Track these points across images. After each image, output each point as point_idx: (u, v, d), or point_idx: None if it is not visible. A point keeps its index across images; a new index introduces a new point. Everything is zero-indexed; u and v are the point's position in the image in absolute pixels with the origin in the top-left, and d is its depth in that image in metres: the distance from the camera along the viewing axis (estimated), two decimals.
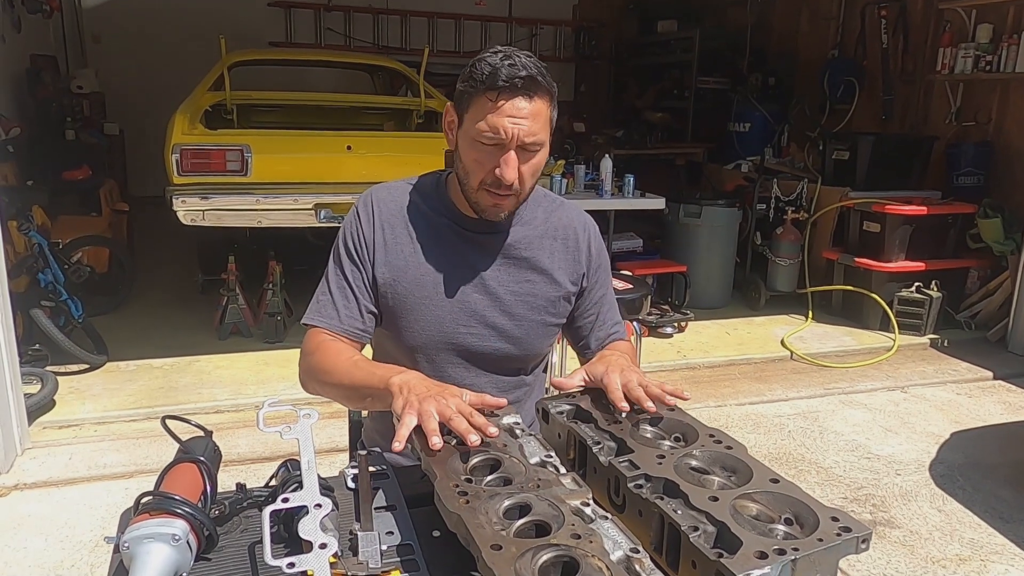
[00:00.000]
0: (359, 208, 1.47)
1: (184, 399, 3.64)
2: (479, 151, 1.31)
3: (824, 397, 4.06)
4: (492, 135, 1.28)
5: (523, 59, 1.28)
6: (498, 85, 1.26)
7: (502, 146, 1.29)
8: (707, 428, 1.13)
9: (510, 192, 1.33)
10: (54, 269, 3.96)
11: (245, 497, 1.11)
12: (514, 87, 1.26)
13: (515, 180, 1.31)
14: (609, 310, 1.58)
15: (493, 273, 1.44)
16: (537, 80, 1.28)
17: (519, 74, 1.26)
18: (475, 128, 1.30)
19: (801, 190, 5.44)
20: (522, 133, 1.28)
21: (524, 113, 1.27)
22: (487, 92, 1.27)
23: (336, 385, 1.35)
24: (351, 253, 1.44)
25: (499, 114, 1.27)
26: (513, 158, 1.30)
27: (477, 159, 1.32)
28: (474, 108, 1.30)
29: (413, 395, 1.12)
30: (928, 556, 2.66)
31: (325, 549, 0.89)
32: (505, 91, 1.26)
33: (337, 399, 1.40)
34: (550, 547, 0.86)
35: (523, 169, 1.32)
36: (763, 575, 0.80)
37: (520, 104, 1.27)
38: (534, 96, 1.28)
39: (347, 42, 8.43)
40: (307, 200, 4.19)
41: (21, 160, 4.80)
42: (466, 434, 1.06)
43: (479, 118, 1.29)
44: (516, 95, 1.27)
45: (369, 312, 1.44)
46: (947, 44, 5.52)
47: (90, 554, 2.52)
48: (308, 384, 1.44)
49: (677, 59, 8.10)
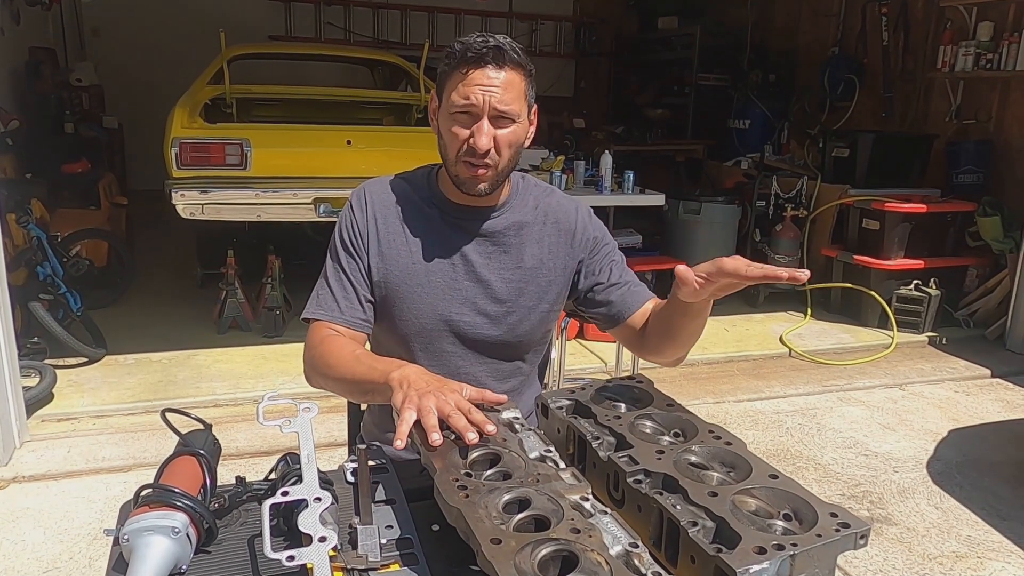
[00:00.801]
0: (352, 201, 1.49)
1: (183, 393, 3.64)
2: (455, 122, 1.34)
3: (822, 394, 4.07)
4: (464, 103, 1.31)
5: (495, 37, 1.33)
6: (467, 58, 1.31)
7: (474, 115, 1.32)
8: (707, 424, 1.13)
9: (487, 162, 1.34)
10: (53, 262, 3.95)
11: (245, 490, 1.11)
12: (482, 57, 1.30)
13: (490, 147, 1.33)
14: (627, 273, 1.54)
15: (484, 261, 1.46)
16: (505, 51, 1.31)
17: (488, 44, 1.30)
18: (449, 102, 1.34)
19: (801, 187, 5.44)
20: (493, 100, 1.30)
21: (495, 82, 1.30)
22: (459, 66, 1.32)
23: (338, 379, 1.35)
24: (347, 245, 1.46)
25: (469, 83, 1.31)
26: (486, 125, 1.32)
27: (452, 131, 1.35)
28: (449, 84, 1.34)
29: (413, 390, 1.12)
30: (925, 553, 2.67)
31: (324, 542, 0.89)
32: (474, 61, 1.30)
33: (340, 393, 1.40)
34: (549, 541, 0.86)
35: (498, 138, 1.34)
36: (762, 570, 0.80)
37: (490, 73, 1.30)
38: (503, 66, 1.31)
39: (347, 36, 8.41)
40: (306, 194, 4.19)
41: (20, 153, 4.79)
42: (464, 431, 1.05)
43: (453, 91, 1.33)
44: (485, 64, 1.30)
45: (368, 301, 1.45)
46: (948, 42, 5.52)
47: (88, 547, 2.52)
48: (312, 378, 1.44)
49: (677, 55, 8.09)
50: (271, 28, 8.09)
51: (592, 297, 1.51)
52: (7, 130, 4.68)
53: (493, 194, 1.42)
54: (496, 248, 1.47)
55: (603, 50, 9.36)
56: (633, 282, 1.52)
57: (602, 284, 1.50)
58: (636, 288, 1.51)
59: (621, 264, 1.54)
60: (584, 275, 1.52)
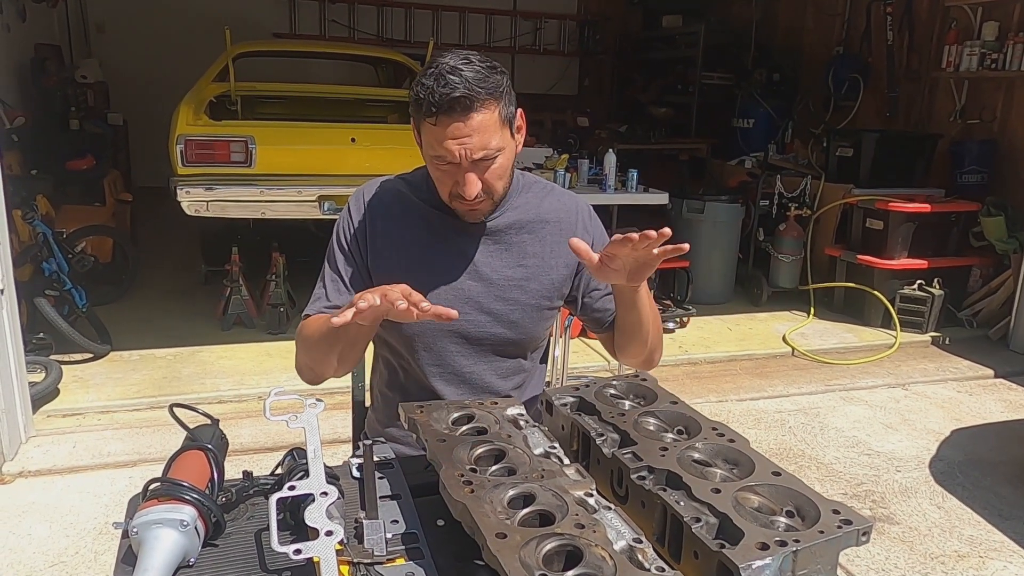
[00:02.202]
0: (350, 204, 1.50)
1: (187, 389, 3.65)
2: (439, 171, 1.34)
3: (825, 393, 4.07)
4: (443, 158, 1.30)
5: (458, 73, 1.24)
6: (431, 111, 1.26)
7: (457, 165, 1.30)
8: (710, 421, 1.13)
9: (478, 201, 1.35)
10: (58, 258, 3.97)
11: (252, 485, 1.12)
12: (448, 110, 1.24)
13: (477, 192, 1.33)
14: None
15: (486, 260, 1.46)
16: (471, 95, 1.24)
17: (451, 95, 1.23)
18: (428, 153, 1.33)
19: (804, 186, 5.44)
20: (470, 151, 1.28)
21: (465, 132, 1.26)
22: (426, 119, 1.28)
23: (316, 344, 1.38)
24: (343, 248, 1.47)
25: (441, 138, 1.27)
26: (471, 177, 1.31)
27: (439, 178, 1.35)
28: (423, 132, 1.32)
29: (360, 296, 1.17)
30: (927, 552, 2.67)
31: (331, 536, 0.90)
32: (441, 114, 1.25)
33: (325, 360, 1.41)
34: (554, 536, 0.87)
35: (486, 178, 1.33)
36: (764, 566, 0.81)
37: (460, 124, 1.26)
38: (471, 112, 1.25)
39: (351, 34, 8.42)
40: (311, 192, 4.20)
41: (26, 149, 4.80)
42: (395, 301, 1.12)
43: (429, 143, 1.31)
44: (453, 118, 1.25)
45: None
46: (952, 41, 5.50)
47: (94, 541, 2.54)
48: (301, 364, 1.46)
49: (681, 54, 8.09)
50: (276, 26, 8.10)
51: (587, 303, 1.55)
52: (13, 127, 4.69)
53: None
54: (497, 246, 1.47)
55: (607, 48, 9.35)
56: None
57: (599, 291, 1.54)
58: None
59: None
60: (581, 279, 1.54)
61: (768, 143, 6.34)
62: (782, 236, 5.39)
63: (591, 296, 1.54)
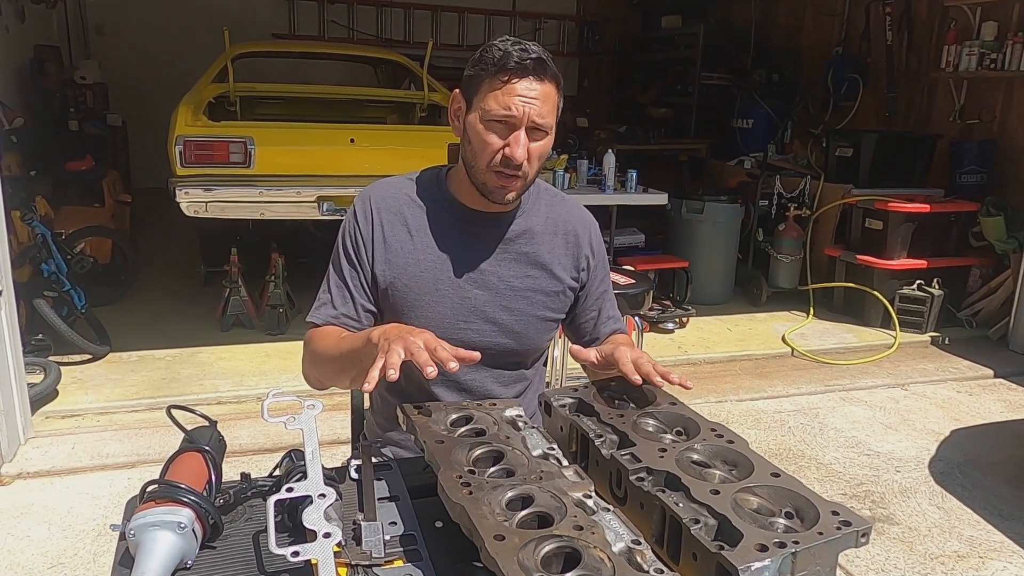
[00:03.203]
0: (356, 207, 1.48)
1: (186, 390, 3.65)
2: (490, 130, 1.33)
3: (825, 394, 4.07)
4: (504, 112, 1.30)
5: (532, 45, 1.32)
6: (510, 66, 1.29)
7: (512, 125, 1.31)
8: (709, 422, 1.13)
9: (518, 173, 1.34)
10: (57, 259, 3.96)
11: (250, 486, 1.12)
12: (525, 68, 1.29)
13: (524, 159, 1.32)
14: (610, 306, 1.59)
15: (493, 267, 1.45)
16: (546, 63, 1.32)
17: (530, 55, 1.30)
18: (485, 108, 1.32)
19: (804, 187, 5.44)
20: (533, 113, 1.30)
21: (535, 94, 1.30)
22: (499, 73, 1.30)
23: (329, 361, 1.38)
24: (348, 254, 1.45)
25: (510, 93, 1.29)
26: (523, 137, 1.31)
27: (486, 139, 1.33)
28: (484, 89, 1.32)
29: (386, 340, 1.16)
30: (927, 553, 2.67)
31: (329, 538, 0.90)
32: (516, 71, 1.29)
33: (334, 378, 1.42)
34: (552, 538, 0.86)
35: (531, 149, 1.33)
36: (763, 567, 0.80)
37: (531, 84, 1.30)
38: (544, 78, 1.31)
39: (350, 35, 8.42)
40: (310, 193, 4.19)
41: (25, 150, 4.80)
42: (424, 366, 1.09)
43: (490, 98, 1.31)
44: (527, 75, 1.30)
45: (367, 311, 1.46)
46: (952, 41, 5.51)
47: (92, 543, 2.53)
48: (308, 373, 1.47)
49: (681, 55, 8.09)
50: (275, 26, 8.09)
51: (574, 319, 1.57)
52: (12, 127, 4.69)
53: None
54: (507, 255, 1.46)
55: (606, 49, 9.35)
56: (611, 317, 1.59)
57: (591, 316, 1.56)
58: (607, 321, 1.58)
59: (609, 292, 1.60)
60: (580, 298, 1.55)
61: (767, 143, 6.34)
62: (781, 236, 5.39)
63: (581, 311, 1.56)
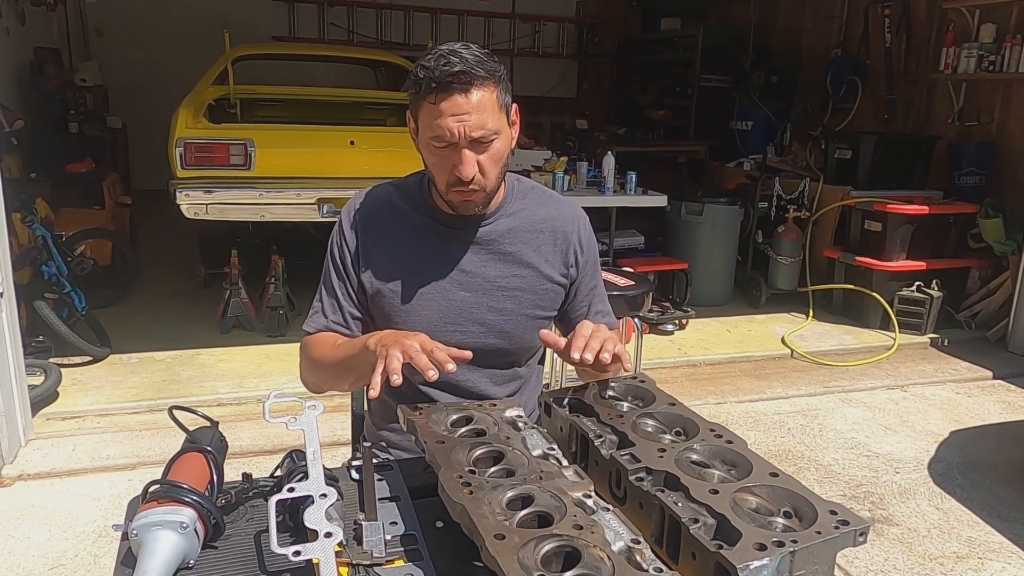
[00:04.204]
0: (342, 218, 1.50)
1: (186, 392, 3.65)
2: (436, 155, 1.33)
3: (824, 395, 4.07)
4: (441, 137, 1.29)
5: (458, 54, 1.26)
6: (433, 87, 1.26)
7: (454, 146, 1.29)
8: (708, 423, 1.14)
9: (475, 187, 1.34)
10: (57, 261, 3.97)
11: (251, 487, 1.13)
12: (447, 85, 1.25)
13: (474, 174, 1.31)
14: (600, 301, 1.59)
15: (479, 269, 1.45)
16: (470, 71, 1.25)
17: (451, 70, 1.24)
18: (426, 135, 1.31)
19: (803, 189, 5.44)
20: (468, 129, 1.27)
21: (465, 108, 1.26)
22: (427, 95, 1.27)
23: (327, 367, 1.42)
24: (336, 264, 1.48)
25: (441, 116, 1.27)
26: (468, 155, 1.30)
27: (436, 163, 1.34)
28: (422, 114, 1.31)
29: (382, 346, 1.21)
30: (926, 554, 2.68)
31: (330, 538, 0.90)
32: (441, 91, 1.25)
33: (334, 382, 1.45)
34: (552, 537, 0.87)
35: (481, 161, 1.32)
36: (762, 566, 0.81)
37: (458, 100, 1.26)
38: (471, 88, 1.26)
39: (350, 37, 8.43)
40: (310, 195, 4.20)
41: (25, 152, 4.81)
42: (424, 370, 1.14)
43: (427, 123, 1.30)
44: (452, 93, 1.25)
45: (355, 319, 1.49)
46: (950, 44, 5.52)
47: (93, 544, 2.54)
48: (306, 378, 1.51)
49: (680, 56, 8.10)
50: (275, 29, 8.10)
51: (564, 315, 1.57)
52: (12, 130, 4.70)
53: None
54: (491, 256, 1.46)
55: (606, 51, 9.35)
56: (601, 311, 1.59)
57: (581, 312, 1.56)
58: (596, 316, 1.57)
59: (600, 287, 1.60)
60: (570, 294, 1.55)
61: (767, 145, 6.35)
62: (781, 238, 5.39)
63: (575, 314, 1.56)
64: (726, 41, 7.73)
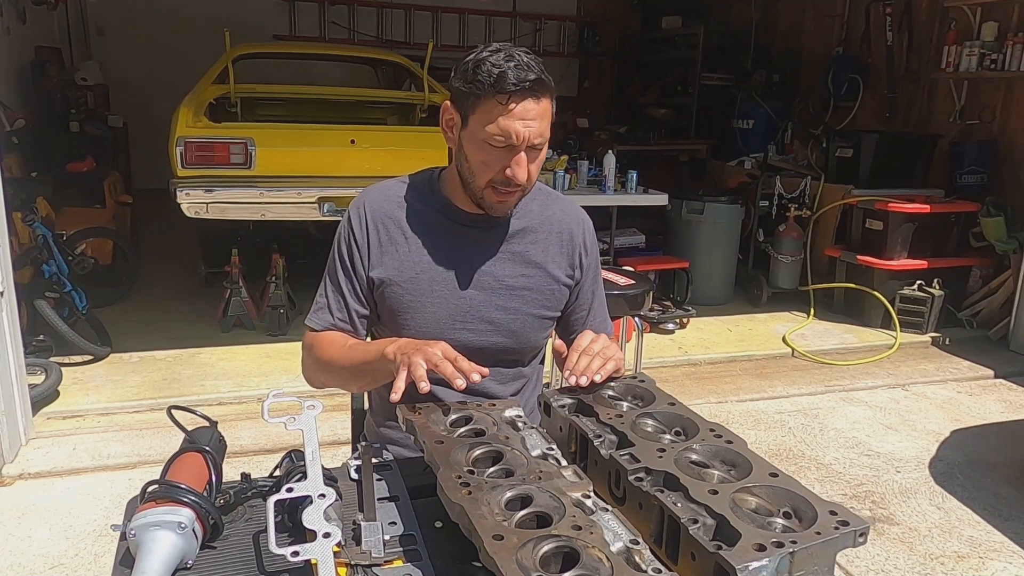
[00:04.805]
0: (351, 213, 1.49)
1: (187, 391, 3.65)
2: (488, 153, 1.32)
3: (825, 394, 4.07)
4: (504, 138, 1.29)
5: (525, 59, 1.28)
6: (508, 89, 1.26)
7: (512, 148, 1.30)
8: (707, 423, 1.13)
9: (518, 189, 1.36)
10: (58, 260, 3.97)
11: (250, 487, 1.13)
12: (524, 90, 1.26)
13: (525, 179, 1.34)
14: (599, 307, 1.60)
15: (488, 267, 1.46)
16: (543, 81, 1.29)
17: (528, 77, 1.26)
18: (484, 131, 1.30)
19: (804, 187, 5.44)
20: (532, 135, 1.29)
21: (533, 115, 1.28)
22: (497, 95, 1.27)
23: (338, 371, 1.41)
24: (344, 260, 1.47)
25: (510, 117, 1.27)
26: (524, 159, 1.32)
27: (486, 161, 1.33)
28: (482, 110, 1.29)
29: (403, 354, 1.22)
30: (927, 553, 2.67)
31: (329, 538, 0.90)
32: (516, 95, 1.26)
33: (341, 383, 1.45)
34: (551, 538, 0.87)
35: (531, 166, 1.34)
36: (761, 567, 0.81)
37: (530, 106, 1.28)
38: (541, 97, 1.29)
39: (351, 36, 8.43)
40: (310, 194, 4.20)
41: (25, 151, 4.81)
42: (452, 378, 1.15)
43: (488, 121, 1.29)
44: (526, 97, 1.27)
45: (361, 316, 1.49)
46: (952, 42, 5.50)
47: (93, 544, 2.54)
48: (313, 377, 1.50)
49: (681, 55, 8.09)
50: (275, 27, 8.10)
51: (565, 317, 1.57)
52: (13, 129, 4.70)
53: None
54: (501, 255, 1.47)
55: (607, 50, 9.35)
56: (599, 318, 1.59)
57: (581, 315, 1.57)
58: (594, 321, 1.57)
59: (599, 291, 1.61)
60: (572, 297, 1.56)
61: (768, 144, 6.34)
62: (782, 237, 5.39)
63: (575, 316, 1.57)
64: (727, 40, 7.72)
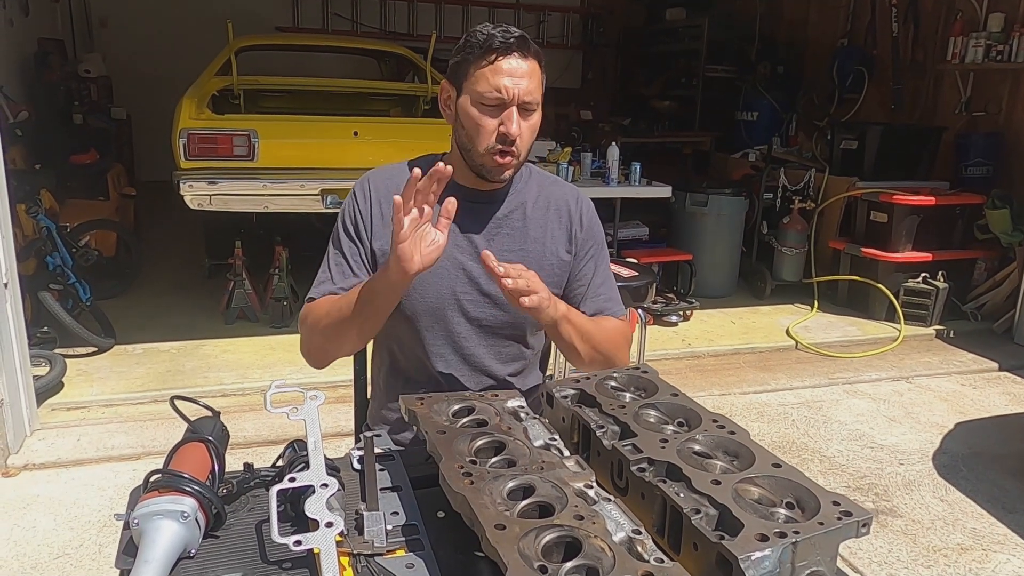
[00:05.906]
0: (355, 189, 1.52)
1: (190, 383, 3.66)
2: (481, 112, 1.37)
3: (828, 387, 4.07)
4: (494, 94, 1.35)
5: (512, 28, 1.38)
6: (495, 46, 1.34)
7: (503, 105, 1.36)
8: (710, 413, 1.13)
9: (513, 150, 1.39)
10: (62, 252, 3.98)
11: (252, 477, 1.13)
12: (509, 46, 1.35)
13: (519, 135, 1.37)
14: (602, 284, 1.59)
15: (488, 242, 1.49)
16: (528, 41, 1.38)
17: (513, 34, 1.36)
18: (476, 91, 1.37)
19: (808, 179, 5.42)
20: (521, 92, 1.35)
21: (521, 72, 1.35)
22: (485, 55, 1.35)
23: (334, 322, 1.39)
24: (348, 231, 1.49)
25: (498, 74, 1.35)
26: (515, 114, 1.36)
27: (480, 122, 1.38)
28: (473, 74, 1.37)
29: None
30: (930, 545, 2.67)
31: (331, 528, 0.90)
32: (501, 51, 1.34)
33: (339, 340, 1.43)
34: (553, 527, 0.87)
35: (523, 126, 1.39)
36: (764, 557, 0.81)
37: (517, 62, 1.35)
38: (528, 55, 1.37)
39: (354, 27, 8.41)
40: (313, 186, 4.20)
41: (29, 144, 4.81)
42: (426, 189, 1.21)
43: (479, 82, 1.36)
44: (511, 52, 1.35)
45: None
46: (958, 33, 5.47)
47: (98, 534, 2.55)
48: (311, 345, 1.47)
49: (685, 47, 8.05)
50: (278, 19, 8.08)
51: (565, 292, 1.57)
52: (16, 121, 4.70)
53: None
54: (501, 231, 1.50)
55: (610, 42, 9.32)
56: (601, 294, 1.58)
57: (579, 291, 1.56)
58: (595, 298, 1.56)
59: (601, 268, 1.60)
60: (571, 276, 1.56)
61: (772, 136, 6.32)
62: (786, 229, 5.38)
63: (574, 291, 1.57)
64: (731, 32, 7.68)
